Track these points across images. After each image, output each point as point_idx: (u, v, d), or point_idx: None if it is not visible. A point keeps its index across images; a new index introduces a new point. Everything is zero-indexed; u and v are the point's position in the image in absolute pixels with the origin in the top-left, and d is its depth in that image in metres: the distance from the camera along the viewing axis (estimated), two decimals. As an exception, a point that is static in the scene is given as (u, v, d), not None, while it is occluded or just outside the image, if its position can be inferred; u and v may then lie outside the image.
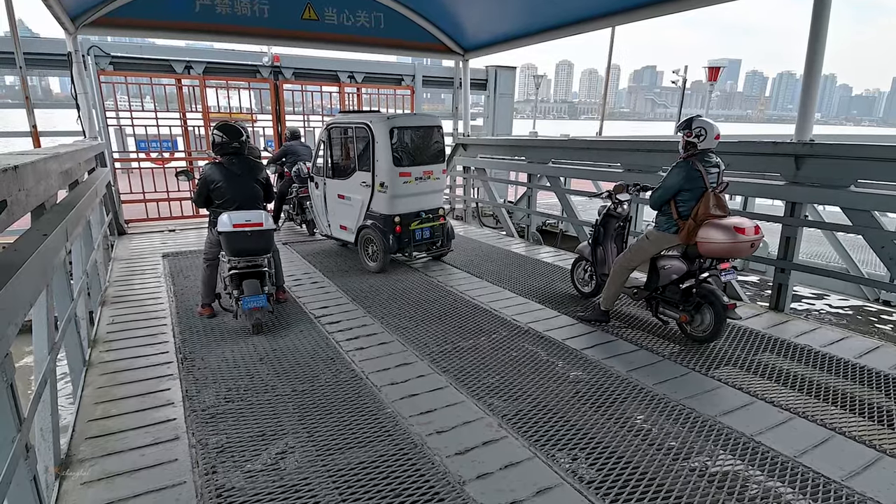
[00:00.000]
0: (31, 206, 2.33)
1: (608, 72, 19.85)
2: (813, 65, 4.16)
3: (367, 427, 2.67)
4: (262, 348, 3.61)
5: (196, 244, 6.45)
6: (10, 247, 1.96)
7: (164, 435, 2.58)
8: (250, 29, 6.86)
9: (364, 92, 10.16)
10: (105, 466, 2.33)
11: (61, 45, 6.44)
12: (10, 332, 1.59)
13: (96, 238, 4.40)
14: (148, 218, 7.95)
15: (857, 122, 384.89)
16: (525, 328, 4.02)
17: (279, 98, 8.77)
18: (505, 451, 2.48)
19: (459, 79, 8.79)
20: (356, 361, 3.42)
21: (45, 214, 2.64)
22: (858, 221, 4.06)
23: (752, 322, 4.14)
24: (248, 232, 3.80)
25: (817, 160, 4.19)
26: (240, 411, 2.79)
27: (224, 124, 4.02)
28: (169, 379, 3.16)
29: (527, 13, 6.83)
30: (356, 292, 4.84)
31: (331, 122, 5.84)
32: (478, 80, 11.35)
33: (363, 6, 7.29)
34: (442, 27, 7.94)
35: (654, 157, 5.65)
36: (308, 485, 2.22)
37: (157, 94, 8.08)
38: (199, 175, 4.19)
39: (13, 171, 1.91)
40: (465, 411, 2.83)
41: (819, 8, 4.06)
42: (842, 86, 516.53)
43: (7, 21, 5.36)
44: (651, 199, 3.74)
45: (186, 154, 8.52)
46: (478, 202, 9.49)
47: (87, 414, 2.75)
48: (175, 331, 3.89)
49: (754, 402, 2.94)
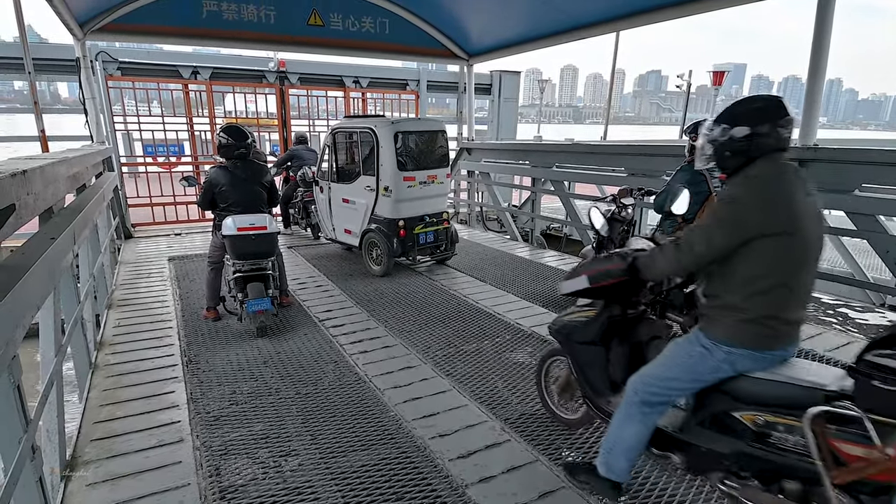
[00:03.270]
0: (39, 210, 2.36)
1: (613, 76, 19.86)
2: (817, 69, 4.16)
3: (370, 430, 2.67)
4: (267, 351, 3.62)
5: (202, 248, 6.50)
6: (17, 250, 1.98)
7: (169, 437, 2.59)
8: (257, 34, 6.92)
9: (369, 97, 10.21)
10: (110, 468, 2.35)
11: (70, 50, 6.52)
12: (18, 335, 1.61)
13: (103, 241, 4.44)
14: (154, 221, 8.01)
15: (863, 126, 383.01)
16: (528, 332, 4.02)
17: (285, 103, 8.83)
18: (508, 454, 2.48)
19: (464, 84, 8.81)
20: (360, 365, 3.43)
21: (52, 218, 2.67)
22: (863, 226, 4.04)
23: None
24: (253, 235, 3.82)
25: (822, 164, 4.18)
26: (244, 414, 2.81)
27: (230, 126, 4.05)
28: (174, 381, 3.18)
29: (531, 19, 6.85)
30: (360, 296, 4.85)
31: (336, 126, 5.87)
32: (482, 84, 11.37)
33: (368, 12, 7.34)
34: (447, 32, 7.98)
35: (657, 162, 5.65)
36: (311, 487, 2.23)
37: (164, 98, 8.15)
38: (203, 179, 4.23)
39: (22, 176, 1.94)
40: (468, 415, 2.83)
41: (822, 11, 4.06)
42: (848, 90, 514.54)
43: (16, 26, 5.43)
44: (655, 202, 3.74)
45: (193, 158, 8.59)
46: (482, 206, 9.50)
47: (93, 416, 2.77)
48: (180, 334, 3.91)
49: (759, 407, 2.92)
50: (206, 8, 6.50)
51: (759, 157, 1.75)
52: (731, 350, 1.76)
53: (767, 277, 1.69)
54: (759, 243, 1.67)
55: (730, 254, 1.73)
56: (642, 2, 5.59)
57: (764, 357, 1.75)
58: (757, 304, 1.71)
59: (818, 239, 1.74)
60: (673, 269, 1.95)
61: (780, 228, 1.66)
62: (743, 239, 1.69)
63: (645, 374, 1.96)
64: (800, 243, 1.68)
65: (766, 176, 1.72)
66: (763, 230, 1.66)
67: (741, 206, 1.70)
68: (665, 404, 1.95)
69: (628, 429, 1.99)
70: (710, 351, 1.79)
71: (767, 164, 1.74)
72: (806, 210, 1.69)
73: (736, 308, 1.75)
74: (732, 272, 1.75)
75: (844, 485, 1.52)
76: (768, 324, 1.72)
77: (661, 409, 1.95)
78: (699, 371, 1.83)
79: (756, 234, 1.67)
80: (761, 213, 1.67)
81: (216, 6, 6.53)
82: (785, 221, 1.66)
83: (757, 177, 1.73)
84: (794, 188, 1.71)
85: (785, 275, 1.69)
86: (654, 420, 1.96)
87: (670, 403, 1.96)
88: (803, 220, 1.68)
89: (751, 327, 1.73)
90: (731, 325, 1.76)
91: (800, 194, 1.70)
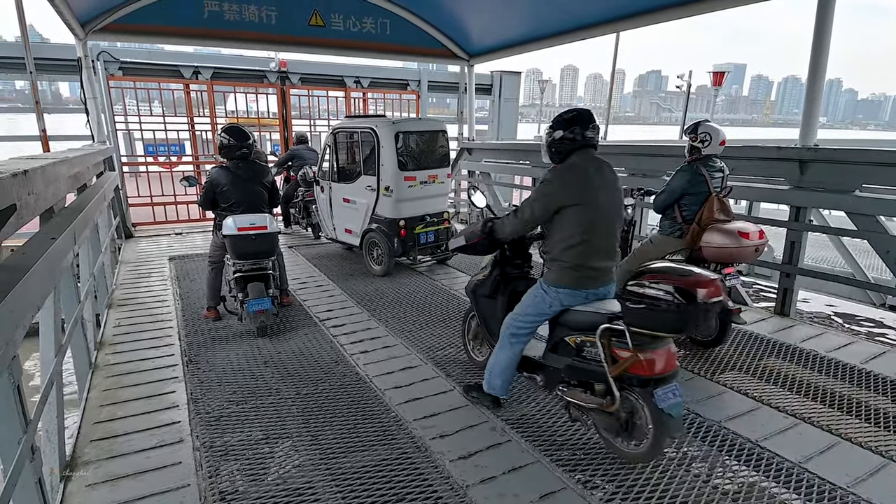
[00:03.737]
0: (39, 210, 2.36)
1: (613, 76, 19.84)
2: (817, 69, 4.15)
3: (370, 430, 2.67)
4: (267, 351, 3.62)
5: (202, 247, 6.50)
6: (18, 250, 1.98)
7: (169, 438, 2.59)
8: (258, 35, 6.92)
9: (370, 97, 10.21)
10: (110, 469, 2.35)
11: (71, 50, 6.52)
12: (18, 335, 1.61)
13: (104, 241, 4.44)
14: (155, 221, 8.01)
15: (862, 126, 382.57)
16: (529, 332, 4.02)
17: (286, 103, 8.83)
18: (509, 455, 2.48)
19: (465, 84, 8.81)
20: (360, 365, 3.43)
21: (53, 218, 2.67)
22: (863, 226, 4.03)
23: (757, 327, 4.12)
24: (253, 235, 3.82)
25: (822, 165, 4.18)
26: (244, 414, 2.81)
27: (231, 127, 4.05)
28: (174, 382, 3.18)
29: (531, 19, 6.85)
30: (361, 296, 4.85)
31: (337, 126, 5.87)
32: (483, 84, 11.36)
33: (369, 12, 7.34)
34: (447, 33, 7.98)
35: (658, 162, 5.64)
36: (311, 488, 2.23)
37: (166, 98, 8.15)
38: (204, 179, 4.23)
39: (23, 176, 1.94)
40: (468, 415, 2.83)
41: (822, 12, 4.06)
42: (848, 90, 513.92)
43: (18, 26, 5.43)
44: (655, 202, 3.74)
45: (194, 158, 8.59)
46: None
47: (93, 416, 2.77)
48: (181, 334, 3.91)
49: (759, 408, 2.92)
50: (208, 8, 6.50)
51: (573, 152, 2.46)
52: (558, 290, 2.50)
53: (574, 236, 2.41)
54: (565, 211, 2.41)
55: (548, 220, 2.48)
56: (643, 2, 5.59)
57: (581, 294, 2.48)
58: (571, 256, 2.43)
59: (612, 208, 2.47)
60: (513, 230, 2.69)
61: (576, 201, 2.38)
62: (553, 209, 2.43)
63: (512, 314, 2.70)
64: (593, 212, 2.40)
65: (573, 165, 2.45)
66: (565, 202, 2.40)
67: (551, 186, 2.44)
68: (526, 335, 2.67)
69: (502, 355, 2.72)
70: (546, 292, 2.54)
71: (579, 156, 2.46)
72: (600, 188, 2.41)
73: (558, 260, 2.48)
74: (553, 234, 2.49)
75: (618, 378, 2.26)
76: (580, 270, 2.44)
77: (523, 339, 2.68)
78: (541, 308, 2.57)
79: (561, 205, 2.41)
80: (563, 191, 2.41)
81: (218, 6, 6.53)
82: (579, 196, 2.38)
83: (568, 166, 2.46)
84: (591, 173, 2.42)
85: (586, 233, 2.40)
86: (519, 348, 2.69)
87: (530, 334, 2.67)
88: (597, 195, 2.40)
89: (569, 272, 2.46)
90: (557, 271, 2.50)
91: (596, 178, 2.42)
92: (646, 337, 2.17)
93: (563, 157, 2.49)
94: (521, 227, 2.64)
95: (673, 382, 2.23)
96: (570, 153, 2.46)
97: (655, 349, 2.20)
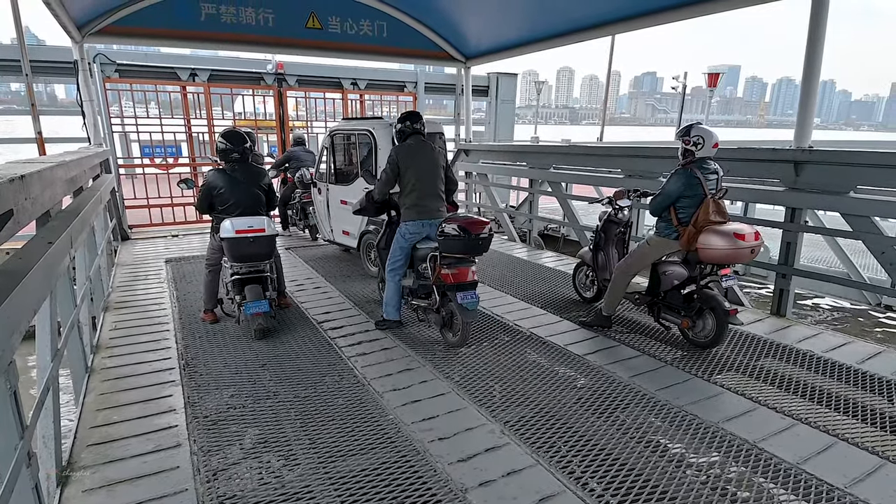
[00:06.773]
0: (36, 214, 2.35)
1: (609, 78, 19.91)
2: (811, 71, 4.17)
3: (369, 433, 2.67)
4: (265, 354, 3.61)
5: (199, 249, 6.48)
6: (14, 254, 1.97)
7: (166, 442, 2.58)
8: (255, 37, 6.91)
9: (367, 98, 10.21)
10: (106, 474, 2.33)
11: (67, 52, 6.50)
12: (15, 340, 1.60)
13: (100, 243, 4.43)
14: (151, 223, 7.99)
15: (856, 127, 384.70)
16: (527, 333, 4.03)
17: (283, 105, 8.82)
18: (507, 458, 2.48)
19: (461, 86, 8.82)
20: (358, 367, 3.43)
21: (50, 222, 2.66)
22: (858, 227, 4.06)
23: (753, 327, 4.14)
24: (251, 238, 3.82)
25: (816, 166, 4.20)
26: (242, 418, 2.80)
27: (228, 131, 4.06)
28: (171, 385, 3.16)
29: (528, 22, 6.87)
30: (358, 297, 4.85)
31: (334, 128, 5.87)
32: (479, 86, 11.36)
33: (366, 15, 7.34)
34: (444, 35, 7.99)
35: (653, 163, 5.66)
36: (310, 492, 2.22)
37: (162, 100, 8.12)
38: (201, 182, 4.22)
39: (20, 181, 1.93)
40: (467, 418, 2.83)
41: (816, 13, 4.08)
42: (841, 91, 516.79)
43: (14, 28, 5.41)
44: (651, 205, 3.75)
45: (190, 160, 8.57)
46: (480, 207, 9.51)
47: (89, 420, 2.75)
48: (177, 336, 3.90)
49: (756, 408, 2.93)
50: (205, 11, 6.49)
51: (409, 136, 3.95)
52: (407, 224, 3.86)
53: (409, 185, 3.82)
54: (403, 172, 3.82)
55: (397, 178, 3.85)
56: (639, 5, 5.61)
57: (419, 224, 3.83)
58: (411, 199, 3.83)
59: (431, 167, 3.88)
60: (380, 190, 3.97)
61: (406, 165, 3.81)
62: (398, 171, 3.82)
63: (389, 253, 3.97)
64: (420, 171, 3.83)
65: (407, 144, 3.91)
66: (402, 165, 3.81)
67: (395, 156, 3.83)
68: (400, 268, 3.93)
69: (388, 288, 4.00)
70: (401, 231, 3.89)
71: (412, 139, 3.94)
72: (422, 156, 3.88)
73: (405, 203, 3.87)
74: (402, 188, 3.87)
75: (439, 286, 3.67)
76: (417, 206, 3.82)
77: (399, 271, 3.93)
78: (401, 242, 3.89)
79: (402, 168, 3.81)
80: (401, 159, 3.82)
81: (215, 9, 6.52)
82: (408, 161, 3.82)
83: (404, 144, 3.91)
84: (417, 148, 3.89)
85: (418, 182, 3.81)
86: (397, 280, 3.94)
87: (402, 267, 3.93)
88: (419, 161, 3.84)
89: (411, 209, 3.84)
90: (406, 211, 3.87)
91: (420, 151, 3.89)
92: (451, 258, 3.54)
93: (402, 138, 3.95)
94: (384, 187, 3.92)
95: (471, 290, 3.53)
96: (407, 136, 3.93)
97: (459, 266, 3.52)
